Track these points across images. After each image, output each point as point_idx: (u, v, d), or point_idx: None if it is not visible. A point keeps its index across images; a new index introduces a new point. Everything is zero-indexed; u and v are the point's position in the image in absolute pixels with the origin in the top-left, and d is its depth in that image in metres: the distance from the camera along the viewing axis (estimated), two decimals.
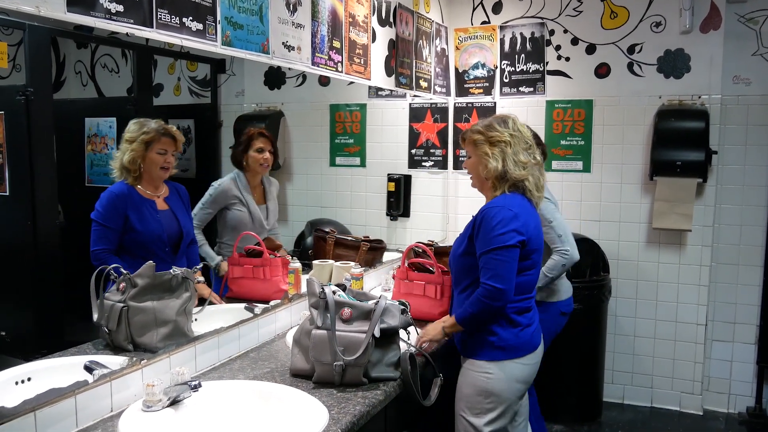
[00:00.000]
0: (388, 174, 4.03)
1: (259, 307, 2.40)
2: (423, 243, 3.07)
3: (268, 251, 2.61)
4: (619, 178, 3.97)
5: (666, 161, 3.71)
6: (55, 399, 1.53)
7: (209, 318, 2.19)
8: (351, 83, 3.23)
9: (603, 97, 3.97)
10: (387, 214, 4.02)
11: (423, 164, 4.16)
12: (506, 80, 4.16)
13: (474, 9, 4.22)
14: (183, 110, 3.35)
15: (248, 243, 2.67)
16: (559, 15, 4.02)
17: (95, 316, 1.88)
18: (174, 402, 1.67)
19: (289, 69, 2.69)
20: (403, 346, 2.06)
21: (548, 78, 4.08)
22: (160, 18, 1.78)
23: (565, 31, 4.02)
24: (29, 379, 1.67)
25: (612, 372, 4.07)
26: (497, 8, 4.16)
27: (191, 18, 1.90)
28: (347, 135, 4.03)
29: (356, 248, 3.17)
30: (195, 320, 2.10)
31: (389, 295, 2.74)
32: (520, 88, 4.13)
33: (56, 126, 2.46)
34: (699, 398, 3.93)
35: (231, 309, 2.39)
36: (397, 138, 4.14)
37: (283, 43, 2.38)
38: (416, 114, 4.13)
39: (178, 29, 1.85)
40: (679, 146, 3.68)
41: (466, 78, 4.26)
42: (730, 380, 3.96)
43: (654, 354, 4.00)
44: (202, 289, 2.34)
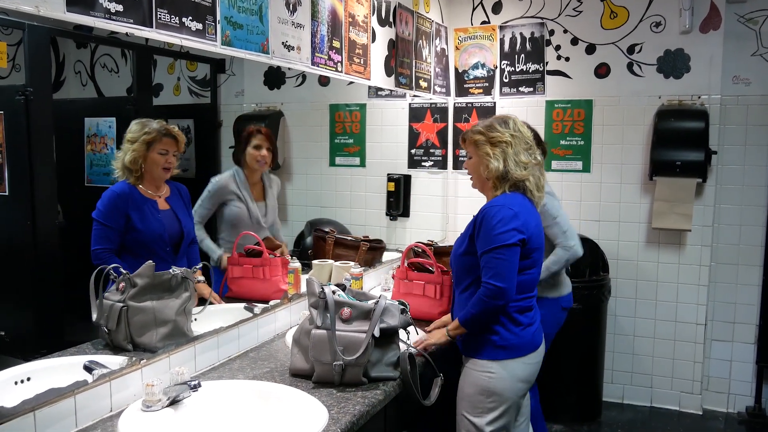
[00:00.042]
0: (388, 174, 4.03)
1: (259, 307, 2.40)
2: (422, 243, 3.07)
3: (268, 251, 2.61)
4: (619, 178, 3.97)
5: (666, 161, 3.71)
6: (55, 399, 1.53)
7: (209, 318, 2.19)
8: (351, 83, 3.24)
9: (603, 97, 3.97)
10: (386, 214, 4.02)
11: (423, 164, 4.16)
12: (506, 80, 4.17)
13: (474, 9, 4.22)
14: (183, 110, 3.35)
15: (248, 243, 2.67)
16: (559, 15, 4.02)
17: (94, 316, 1.88)
18: (173, 402, 1.67)
19: (289, 69, 2.69)
20: (403, 346, 2.06)
21: (548, 78, 4.08)
22: (160, 18, 1.78)
23: (565, 31, 4.02)
24: (29, 379, 1.66)
25: (612, 372, 4.08)
26: (497, 8, 4.16)
27: (191, 18, 1.90)
28: (347, 135, 4.03)
29: (356, 248, 3.17)
30: (194, 320, 2.10)
31: (389, 295, 2.74)
32: (520, 88, 4.13)
33: (56, 126, 2.46)
34: (698, 398, 3.93)
35: (230, 309, 2.39)
36: (397, 138, 4.14)
37: (283, 43, 2.38)
38: (416, 114, 4.13)
39: (178, 29, 1.85)
40: (679, 146, 3.68)
41: (466, 78, 4.26)
42: (730, 380, 3.96)
43: (653, 354, 4.00)
44: (202, 289, 2.35)
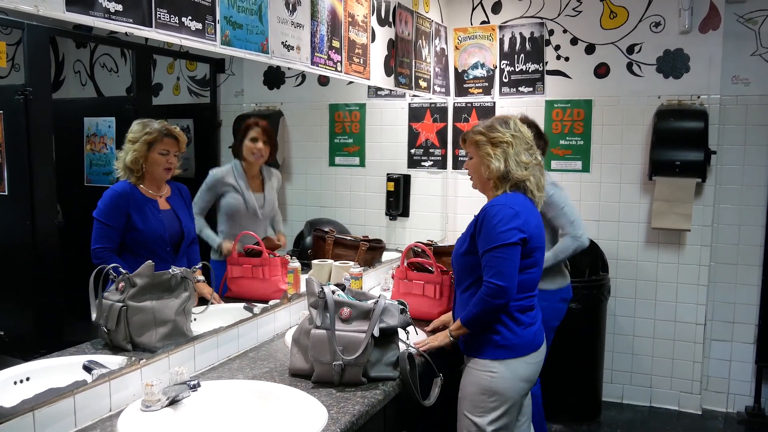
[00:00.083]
0: (388, 174, 4.03)
1: (258, 307, 2.40)
2: (422, 243, 3.07)
3: (268, 251, 2.61)
4: (619, 178, 3.98)
5: (665, 161, 3.71)
6: (54, 399, 1.53)
7: (208, 318, 2.19)
8: (350, 83, 3.23)
9: (602, 97, 3.98)
10: (386, 214, 4.02)
11: (422, 164, 4.16)
12: (505, 80, 4.16)
13: (473, 9, 4.22)
14: (182, 110, 3.34)
15: (248, 242, 2.67)
16: (559, 15, 4.02)
17: (94, 316, 1.88)
18: (173, 402, 1.66)
19: (289, 69, 2.69)
20: (402, 346, 2.06)
21: (547, 78, 4.08)
22: (160, 17, 1.78)
23: (565, 31, 4.02)
24: (28, 379, 1.66)
25: (611, 371, 4.08)
26: (497, 8, 4.16)
27: (190, 17, 1.90)
28: (346, 135, 4.03)
29: (355, 248, 3.17)
30: (194, 320, 2.10)
31: (388, 295, 2.74)
32: (520, 88, 4.13)
33: (55, 125, 2.46)
34: (698, 398, 3.94)
35: (230, 309, 2.39)
36: (397, 138, 4.14)
37: (283, 43, 2.38)
38: (415, 114, 4.13)
39: (178, 29, 1.85)
40: (678, 146, 3.68)
41: (466, 78, 4.26)
42: (729, 380, 3.97)
43: (653, 353, 4.00)
44: (202, 288, 2.35)
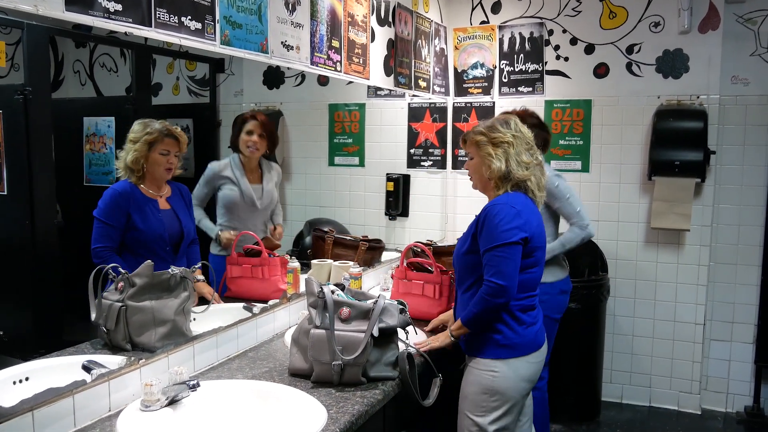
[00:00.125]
0: (387, 173, 4.03)
1: (258, 307, 2.40)
2: (422, 242, 3.07)
3: (267, 251, 2.61)
4: (618, 178, 3.98)
5: (664, 161, 3.71)
6: (53, 398, 1.53)
7: (207, 317, 2.19)
8: (350, 83, 3.23)
9: (602, 97, 3.98)
10: (386, 214, 4.02)
11: (422, 164, 4.16)
12: (505, 80, 4.16)
13: (473, 9, 4.22)
14: (182, 110, 3.34)
15: (248, 242, 2.67)
16: (558, 15, 4.02)
17: (93, 316, 1.88)
18: (172, 401, 1.66)
19: (288, 68, 2.69)
20: (402, 346, 2.06)
21: (547, 78, 4.08)
22: (159, 17, 1.78)
23: (564, 31, 4.02)
24: (27, 379, 1.66)
25: (610, 371, 4.08)
26: (496, 8, 4.16)
27: (190, 17, 1.90)
28: (346, 134, 4.03)
29: (355, 248, 3.17)
30: (193, 320, 2.10)
31: (388, 295, 2.74)
32: (519, 88, 4.13)
33: (54, 125, 2.45)
34: (697, 397, 3.94)
35: (229, 308, 2.39)
36: (396, 138, 4.13)
37: (282, 43, 2.38)
38: (415, 114, 4.13)
39: (177, 28, 1.85)
40: (678, 146, 3.68)
41: (465, 78, 4.26)
42: (728, 380, 3.97)
43: (652, 353, 4.00)
44: (202, 288, 2.35)
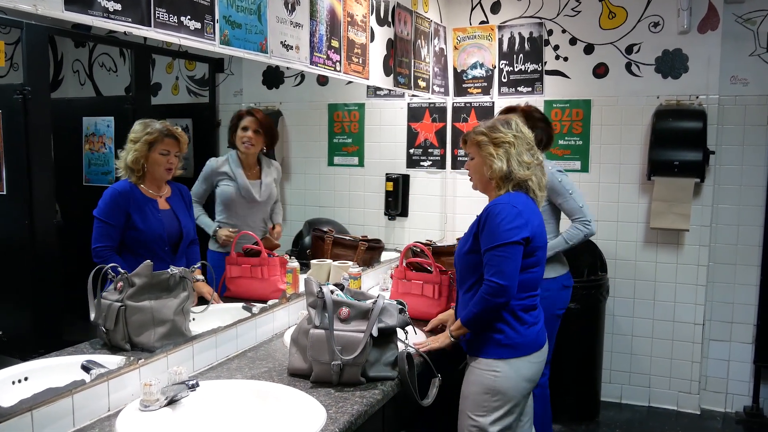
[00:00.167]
0: (387, 173, 4.03)
1: (257, 307, 2.40)
2: (421, 242, 3.07)
3: (266, 251, 2.61)
4: (617, 178, 3.98)
5: (664, 161, 3.71)
6: (52, 398, 1.53)
7: (207, 317, 2.19)
8: (349, 83, 3.23)
9: (601, 97, 3.98)
10: (385, 214, 4.02)
11: (421, 164, 4.16)
12: (504, 80, 4.17)
13: (472, 9, 4.22)
14: (181, 109, 3.34)
15: (247, 242, 2.67)
16: (558, 15, 4.02)
17: (93, 316, 1.88)
18: (171, 401, 1.66)
19: (288, 68, 2.69)
20: (401, 346, 2.06)
21: (546, 78, 4.08)
22: (158, 17, 1.78)
23: (564, 31, 4.02)
24: (26, 379, 1.66)
25: (610, 371, 4.08)
26: (496, 8, 4.16)
27: (189, 17, 1.90)
28: (345, 134, 4.03)
29: (354, 248, 3.17)
30: (193, 320, 2.09)
31: (387, 295, 2.74)
32: (519, 88, 4.13)
33: (54, 125, 2.45)
34: (696, 398, 3.94)
35: (229, 308, 2.39)
36: (396, 138, 4.13)
37: (282, 43, 2.38)
38: (414, 114, 4.13)
39: (176, 28, 1.85)
40: (677, 146, 3.68)
41: (465, 78, 4.26)
42: (728, 380, 3.97)
43: (651, 353, 4.01)
44: (202, 288, 2.35)
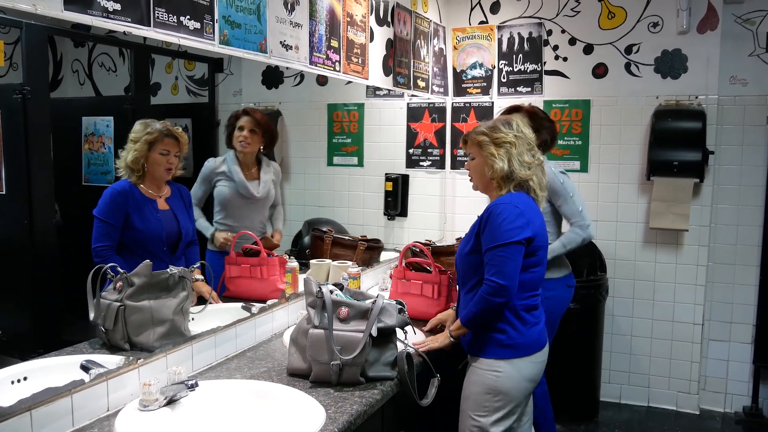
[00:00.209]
0: (386, 173, 4.03)
1: (256, 307, 2.40)
2: (420, 242, 3.08)
3: (266, 251, 2.61)
4: (617, 178, 3.98)
5: (663, 161, 3.71)
6: (51, 398, 1.52)
7: (206, 317, 2.19)
8: (349, 83, 3.23)
9: (600, 97, 3.98)
10: (384, 214, 4.02)
11: (421, 164, 4.16)
12: (504, 80, 4.17)
13: (472, 9, 4.22)
14: (180, 109, 3.34)
15: (246, 242, 2.67)
16: (557, 15, 4.03)
17: (92, 316, 1.88)
18: (171, 401, 1.66)
19: (287, 68, 2.69)
20: (400, 346, 2.06)
21: (546, 78, 4.08)
22: (158, 16, 1.78)
23: (563, 31, 4.02)
24: (25, 379, 1.66)
25: (609, 371, 4.08)
26: (495, 8, 4.16)
27: (189, 17, 1.90)
28: (345, 134, 4.03)
29: (353, 248, 3.17)
30: (192, 319, 2.09)
31: (386, 295, 2.73)
32: (518, 88, 4.13)
33: (53, 125, 2.45)
34: (696, 398, 3.94)
35: (228, 308, 2.39)
36: (395, 138, 4.14)
37: (281, 43, 2.38)
38: (414, 114, 4.13)
39: (176, 28, 1.85)
40: (676, 146, 3.68)
41: (464, 78, 4.26)
42: (727, 380, 3.97)
43: (651, 353, 4.01)
44: (201, 287, 2.35)
